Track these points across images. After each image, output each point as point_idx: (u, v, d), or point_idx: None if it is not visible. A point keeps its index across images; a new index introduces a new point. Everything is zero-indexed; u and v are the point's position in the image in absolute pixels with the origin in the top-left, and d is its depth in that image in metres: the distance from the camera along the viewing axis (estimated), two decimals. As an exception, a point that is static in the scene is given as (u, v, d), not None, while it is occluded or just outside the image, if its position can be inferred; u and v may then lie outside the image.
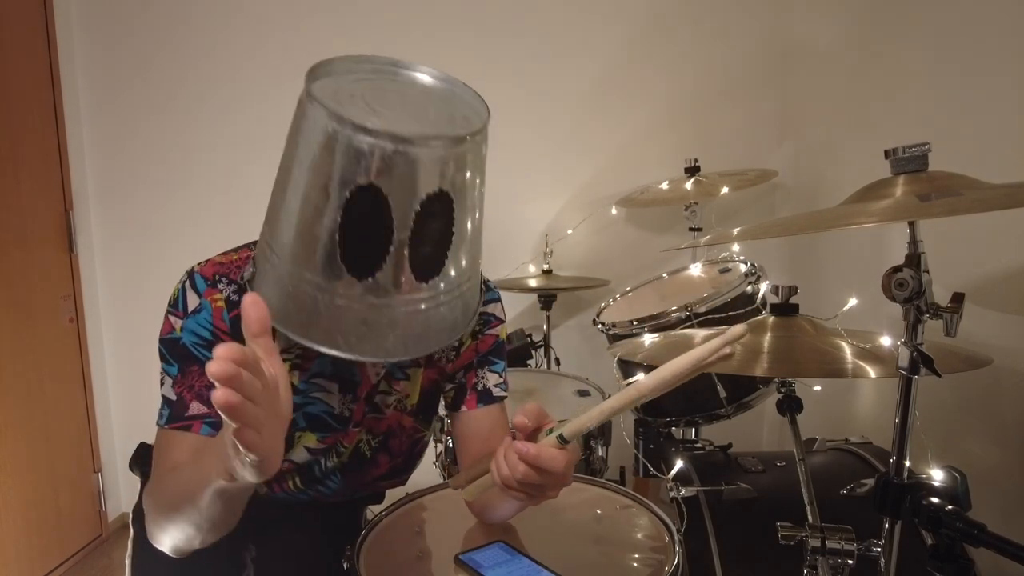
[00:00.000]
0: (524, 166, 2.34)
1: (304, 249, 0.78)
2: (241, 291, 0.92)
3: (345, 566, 0.88)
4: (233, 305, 0.91)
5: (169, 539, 0.83)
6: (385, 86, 0.84)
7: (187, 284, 0.91)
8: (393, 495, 1.11)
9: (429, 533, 1.01)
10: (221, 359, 0.53)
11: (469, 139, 0.76)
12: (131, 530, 1.10)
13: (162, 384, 0.91)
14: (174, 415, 0.88)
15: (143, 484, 1.10)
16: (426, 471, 1.77)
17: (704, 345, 0.63)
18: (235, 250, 0.97)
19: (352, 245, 0.76)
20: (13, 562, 2.04)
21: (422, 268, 0.79)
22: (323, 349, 0.80)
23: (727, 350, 0.63)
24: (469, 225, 0.82)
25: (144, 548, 1.09)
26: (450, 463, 1.57)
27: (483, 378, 1.04)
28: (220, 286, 0.91)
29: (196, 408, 0.88)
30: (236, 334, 0.89)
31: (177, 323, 0.90)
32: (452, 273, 0.82)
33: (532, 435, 0.78)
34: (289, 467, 1.01)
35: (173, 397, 0.89)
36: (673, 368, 0.65)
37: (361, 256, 0.76)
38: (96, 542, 2.40)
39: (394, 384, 1.02)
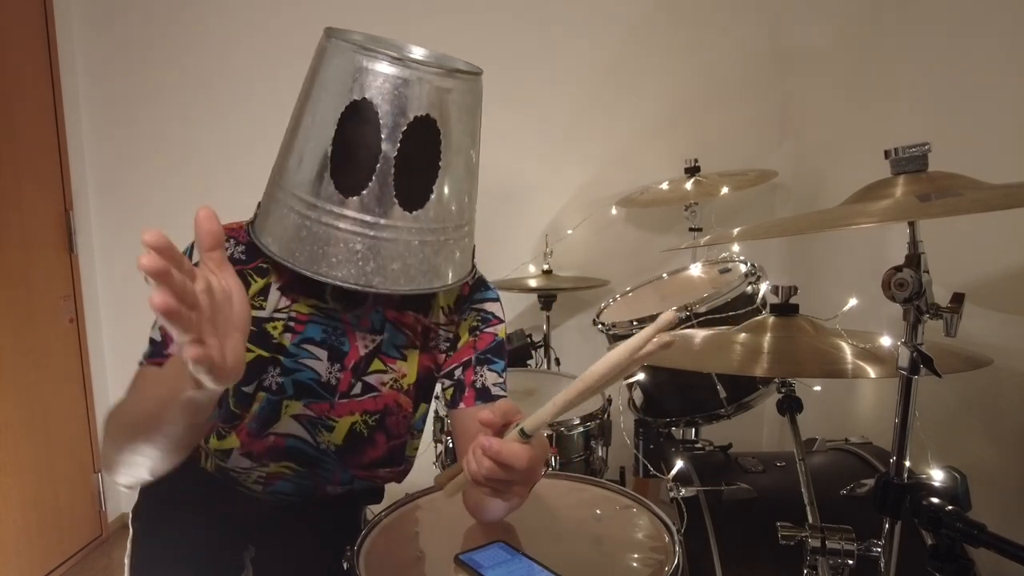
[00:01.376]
0: (524, 166, 2.34)
1: (303, 170, 0.84)
2: (248, 249, 0.96)
3: (345, 566, 0.88)
4: (240, 263, 0.95)
5: (125, 467, 0.81)
6: (390, 48, 0.90)
7: (194, 245, 0.94)
8: (393, 495, 1.11)
9: (429, 533, 1.01)
10: (150, 250, 0.52)
11: (458, 75, 0.84)
12: (130, 530, 1.10)
13: (152, 327, 0.92)
14: (154, 352, 0.91)
15: (142, 487, 1.11)
16: (426, 471, 1.77)
17: (638, 335, 0.65)
18: (236, 222, 1.00)
19: (343, 158, 0.82)
20: (13, 562, 2.04)
21: (407, 196, 0.84)
22: (306, 271, 0.85)
23: (665, 337, 0.65)
24: (455, 168, 0.87)
25: (143, 548, 1.10)
26: (450, 463, 1.57)
27: (482, 376, 1.04)
28: (227, 245, 0.94)
29: (176, 347, 0.89)
30: None
31: None
32: (436, 212, 0.87)
33: (500, 431, 0.78)
34: (280, 443, 1.00)
35: (158, 338, 0.91)
36: (610, 359, 0.67)
37: (351, 171, 0.83)
38: (96, 542, 2.40)
39: (390, 362, 1.03)
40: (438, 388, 1.10)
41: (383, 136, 0.81)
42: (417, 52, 0.97)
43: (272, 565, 1.10)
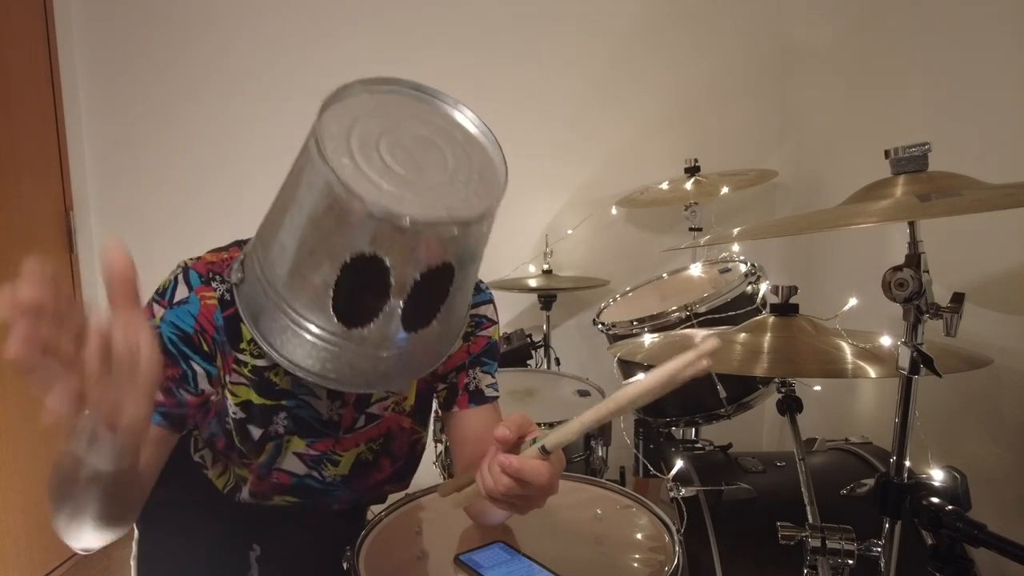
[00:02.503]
0: (524, 166, 2.33)
1: (296, 287, 0.76)
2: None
3: (345, 566, 0.88)
4: (227, 304, 0.89)
5: (72, 535, 0.75)
6: (403, 122, 0.80)
7: (180, 276, 0.90)
8: (392, 495, 1.11)
9: (429, 533, 1.01)
10: (31, 278, 0.45)
11: (478, 221, 0.74)
12: (135, 530, 1.10)
13: None
14: None
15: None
16: (426, 471, 1.77)
17: (677, 359, 0.62)
18: (225, 248, 0.96)
19: (346, 301, 0.75)
20: (13, 562, 2.04)
21: (413, 322, 0.78)
22: (303, 375, 0.79)
23: (704, 363, 0.62)
24: (466, 284, 0.82)
25: (149, 547, 1.10)
26: (450, 463, 1.57)
27: (475, 378, 1.03)
28: (214, 283, 0.90)
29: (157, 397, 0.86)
30: (228, 333, 0.89)
31: (159, 312, 0.88)
32: (442, 323, 0.81)
33: (515, 446, 0.76)
34: (285, 480, 1.00)
35: None
36: (647, 383, 0.64)
37: (354, 312, 0.75)
38: (96, 542, 2.40)
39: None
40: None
41: (392, 286, 0.73)
42: (443, 113, 0.85)
43: (277, 564, 1.11)
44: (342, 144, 0.71)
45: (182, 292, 0.89)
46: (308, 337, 0.77)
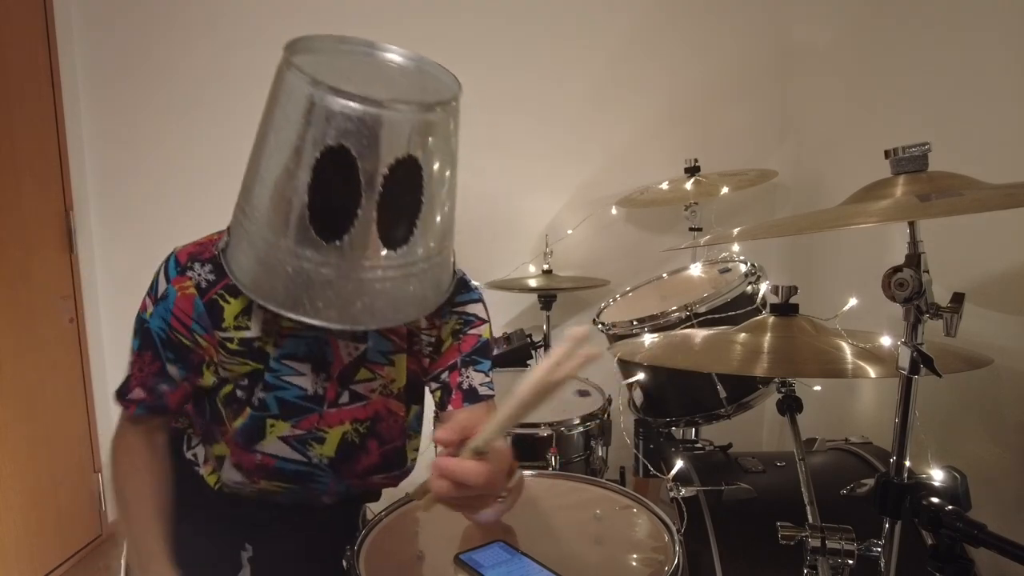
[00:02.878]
0: (524, 166, 2.34)
1: (276, 212, 0.79)
2: (216, 268, 0.94)
3: (344, 565, 0.88)
4: (209, 285, 0.93)
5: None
6: (360, 61, 0.87)
7: (162, 270, 0.95)
8: (392, 495, 1.11)
9: (428, 533, 1.01)
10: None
11: (439, 108, 0.78)
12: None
13: (130, 351, 0.98)
14: (121, 391, 0.99)
15: None
16: (426, 471, 1.77)
17: (555, 350, 0.69)
18: (217, 233, 0.99)
19: (321, 206, 0.77)
20: (13, 562, 2.04)
21: (390, 235, 0.79)
22: (288, 314, 0.81)
23: (588, 350, 0.68)
24: (438, 198, 0.83)
25: None
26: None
27: (468, 377, 1.04)
28: (191, 272, 0.94)
29: (137, 393, 0.97)
30: (210, 318, 0.93)
31: (150, 306, 0.96)
32: (420, 245, 0.83)
33: (460, 447, 0.78)
34: (270, 462, 1.00)
35: (128, 373, 0.98)
36: (533, 377, 0.70)
37: (330, 218, 0.77)
38: (96, 542, 2.40)
39: (377, 369, 1.03)
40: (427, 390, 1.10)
41: (363, 183, 0.75)
42: (393, 56, 0.90)
43: (270, 565, 1.10)
44: (308, 67, 0.77)
45: (162, 286, 0.95)
46: (290, 270, 0.80)
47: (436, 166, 0.80)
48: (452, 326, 1.05)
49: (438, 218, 0.85)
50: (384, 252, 0.80)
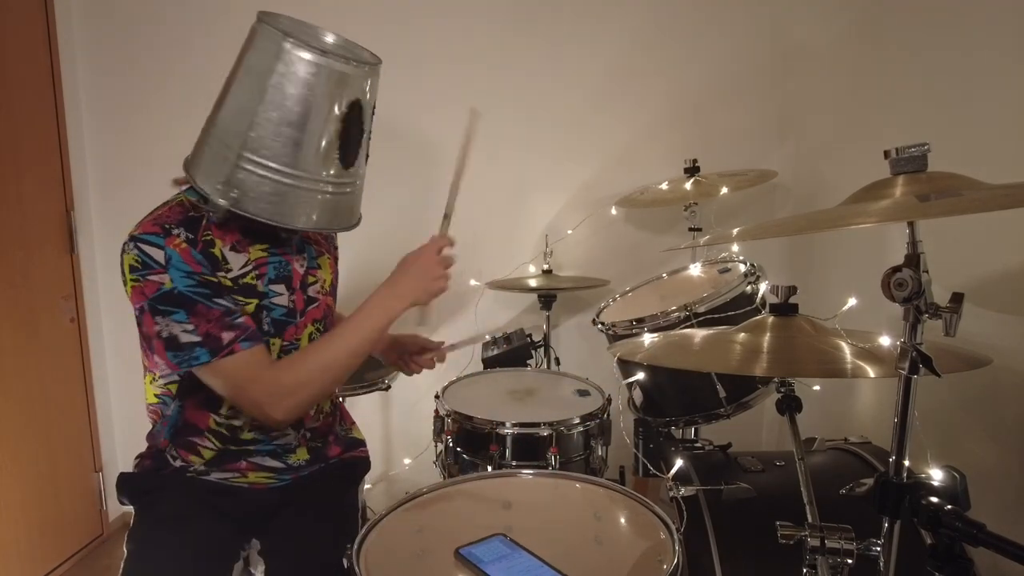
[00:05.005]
0: (524, 166, 2.34)
1: (261, 137, 1.00)
2: (188, 225, 1.06)
3: (345, 564, 0.88)
4: (192, 238, 1.05)
5: (315, 400, 1.13)
6: (312, 37, 1.12)
7: (142, 247, 1.01)
8: (393, 494, 1.11)
9: (429, 532, 1.01)
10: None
11: (376, 67, 1.07)
12: (124, 551, 1.11)
13: (173, 337, 1.01)
14: (213, 349, 1.02)
15: (137, 512, 1.13)
16: (426, 471, 1.77)
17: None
18: (156, 208, 1.12)
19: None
20: (13, 562, 2.04)
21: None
22: (284, 224, 1.03)
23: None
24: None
25: (143, 530, 1.11)
26: (451, 463, 1.57)
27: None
28: (174, 232, 1.04)
29: (228, 336, 1.03)
30: (211, 265, 1.06)
31: (163, 278, 1.01)
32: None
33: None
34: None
35: (198, 338, 1.01)
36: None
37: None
38: (96, 542, 2.40)
39: (315, 272, 1.23)
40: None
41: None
42: (329, 39, 1.15)
43: (277, 556, 1.12)
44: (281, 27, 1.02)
45: (157, 254, 1.01)
46: (268, 190, 1.01)
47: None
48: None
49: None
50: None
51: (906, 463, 0.79)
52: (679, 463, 1.29)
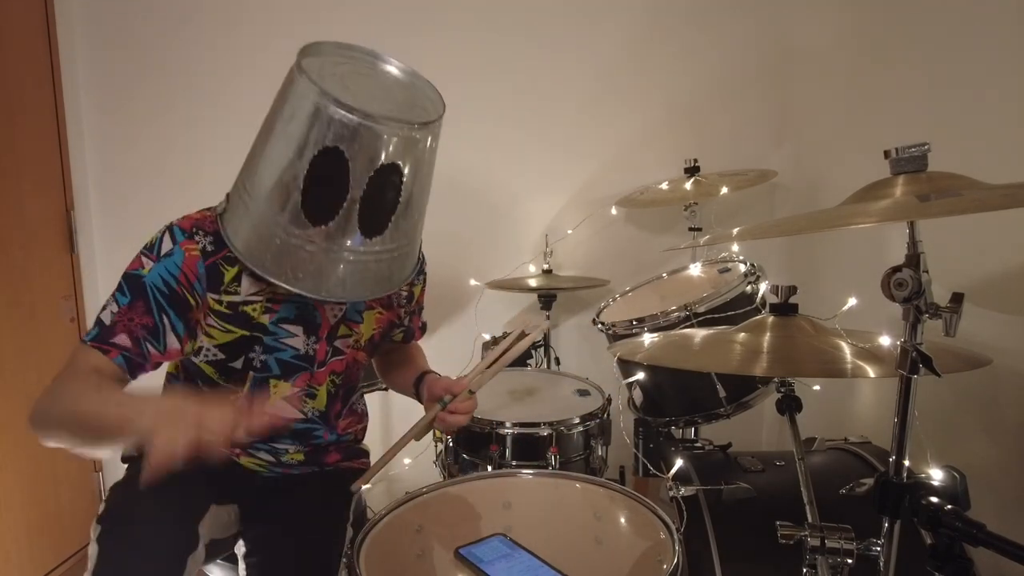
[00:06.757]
0: (524, 166, 2.34)
1: (275, 193, 0.92)
2: (216, 239, 1.03)
3: (344, 562, 0.88)
4: (208, 255, 1.03)
5: (55, 438, 1.05)
6: (361, 71, 1.01)
7: (167, 233, 1.04)
8: (393, 494, 1.11)
9: (429, 532, 1.01)
10: None
11: (421, 126, 0.92)
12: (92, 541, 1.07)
13: (104, 308, 1.01)
14: (101, 336, 0.99)
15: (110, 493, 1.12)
16: (426, 470, 1.77)
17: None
18: (210, 208, 1.10)
19: (314, 195, 0.91)
20: (13, 562, 2.04)
21: (369, 226, 0.94)
22: (272, 279, 0.95)
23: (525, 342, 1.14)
24: (413, 200, 0.98)
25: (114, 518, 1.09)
26: (451, 463, 1.57)
27: (421, 319, 1.40)
28: (197, 237, 1.04)
29: (122, 340, 0.99)
30: (209, 280, 1.03)
31: (148, 263, 1.02)
32: (393, 237, 0.98)
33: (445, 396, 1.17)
34: (274, 420, 1.10)
35: (108, 322, 0.99)
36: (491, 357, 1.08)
37: (320, 206, 0.91)
38: (96, 542, 2.40)
39: (354, 326, 1.20)
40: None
41: (351, 181, 0.90)
42: (391, 69, 1.04)
43: (266, 542, 1.11)
44: (315, 72, 0.90)
45: (167, 246, 1.03)
46: (279, 243, 0.93)
47: (414, 173, 0.95)
48: (420, 284, 1.32)
49: (411, 215, 0.99)
50: (361, 239, 0.94)
51: (906, 463, 0.79)
52: (679, 463, 1.29)
